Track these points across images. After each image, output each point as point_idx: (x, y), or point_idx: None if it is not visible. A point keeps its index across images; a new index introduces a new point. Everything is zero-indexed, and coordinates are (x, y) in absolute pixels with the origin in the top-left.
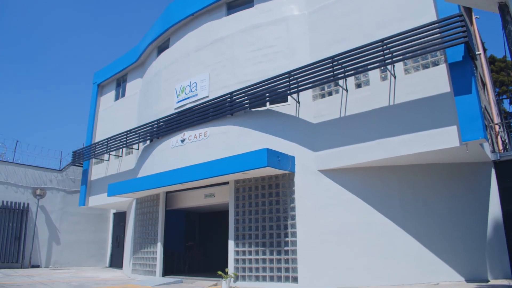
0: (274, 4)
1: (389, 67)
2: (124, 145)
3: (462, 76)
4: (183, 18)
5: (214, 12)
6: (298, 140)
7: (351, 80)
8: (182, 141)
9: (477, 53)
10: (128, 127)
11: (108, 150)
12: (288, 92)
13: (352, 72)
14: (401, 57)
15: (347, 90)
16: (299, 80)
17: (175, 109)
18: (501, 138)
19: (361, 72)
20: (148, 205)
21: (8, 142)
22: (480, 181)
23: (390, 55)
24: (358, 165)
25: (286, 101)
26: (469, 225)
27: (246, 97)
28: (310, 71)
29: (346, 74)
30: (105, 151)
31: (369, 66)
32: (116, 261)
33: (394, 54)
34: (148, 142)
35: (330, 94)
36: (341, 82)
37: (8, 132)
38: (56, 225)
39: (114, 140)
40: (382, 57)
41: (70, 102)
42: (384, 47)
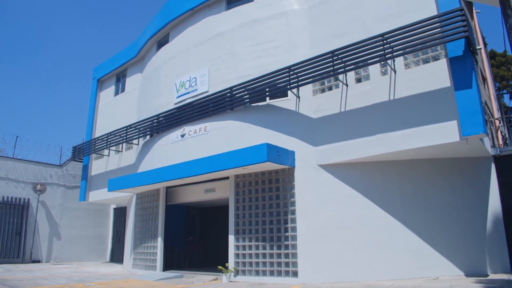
0: None
1: (389, 61)
2: (124, 140)
3: (463, 70)
4: (182, 12)
5: (213, 7)
6: (298, 135)
7: (351, 75)
8: (182, 136)
9: (477, 47)
10: (128, 122)
11: (108, 145)
12: (288, 87)
13: (352, 66)
14: (401, 52)
15: (347, 84)
16: (299, 74)
17: (175, 104)
18: (501, 133)
19: (361, 66)
20: (148, 200)
21: (8, 138)
22: (480, 176)
23: (391, 49)
24: (358, 160)
25: (286, 96)
26: (469, 220)
27: (246, 92)
28: (310, 66)
29: (346, 68)
30: (105, 146)
31: (369, 61)
32: (117, 256)
33: (394, 48)
34: (148, 137)
35: (330, 88)
36: (341, 76)
37: (8, 128)
38: (57, 220)
39: (114, 135)
40: (383, 52)
41: (70, 98)
42: (385, 41)
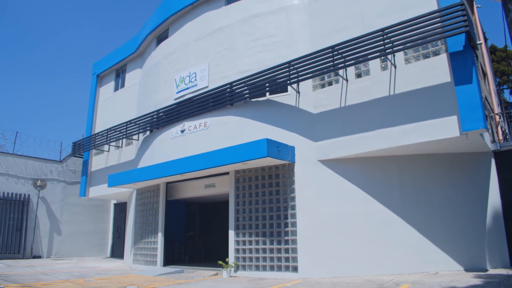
0: None
1: (389, 56)
2: (124, 136)
3: (463, 65)
4: (182, 7)
5: (213, 2)
6: (298, 130)
7: (351, 70)
8: (182, 131)
9: (478, 42)
10: (128, 118)
11: (108, 141)
12: (288, 82)
13: (352, 62)
14: (401, 47)
15: (347, 80)
16: (299, 70)
17: (175, 99)
18: (501, 128)
19: (361, 62)
20: (148, 196)
21: (8, 134)
22: (480, 171)
23: (391, 44)
24: (358, 155)
25: (286, 91)
26: (469, 215)
27: (245, 87)
28: (310, 61)
29: (346, 64)
30: (105, 142)
31: (369, 56)
32: (117, 251)
33: (394, 43)
34: (148, 132)
35: (330, 84)
36: (341, 72)
37: (8, 124)
38: (57, 216)
39: (114, 130)
40: (383, 47)
41: (70, 94)
42: (385, 36)
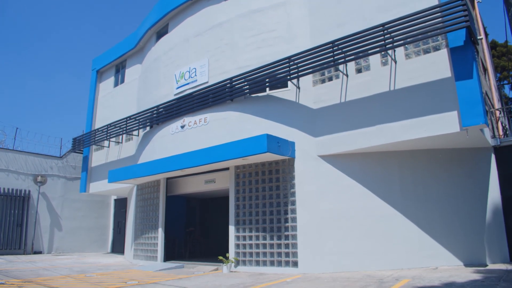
0: None
1: (389, 52)
2: (124, 132)
3: (463, 61)
4: (182, 2)
5: None
6: (298, 125)
7: (351, 65)
8: (182, 127)
9: (478, 37)
10: (127, 114)
11: (108, 137)
12: (288, 77)
13: (353, 57)
14: (402, 42)
15: (347, 75)
16: (299, 65)
17: (175, 95)
18: (501, 123)
19: (361, 57)
20: (148, 191)
21: (8, 129)
22: (480, 166)
23: (391, 39)
24: (358, 150)
25: (286, 86)
26: (469, 211)
27: (246, 83)
28: (310, 56)
29: (347, 59)
30: (105, 138)
31: (369, 51)
32: (118, 247)
33: (395, 38)
34: (148, 128)
35: (330, 79)
36: (341, 67)
37: (8, 119)
38: (58, 211)
39: (114, 126)
40: (383, 42)
41: (70, 89)
42: (385, 31)
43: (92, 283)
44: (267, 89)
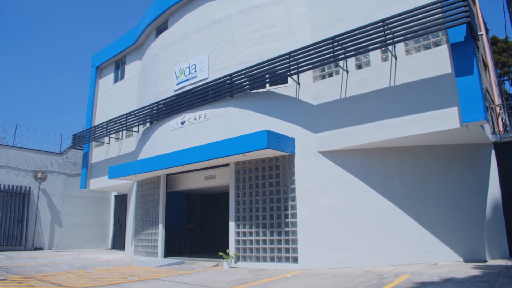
0: None
1: (390, 47)
2: (124, 128)
3: (464, 57)
4: None
5: None
6: (298, 121)
7: (351, 61)
8: (182, 123)
9: (479, 33)
10: (127, 110)
11: (108, 133)
12: (288, 73)
13: (353, 52)
14: (402, 38)
15: (347, 71)
16: (299, 61)
17: (175, 91)
18: (501, 119)
19: (361, 53)
20: (149, 188)
21: (8, 126)
22: (480, 162)
23: (391, 35)
24: (358, 146)
25: (286, 82)
26: (469, 206)
27: (246, 79)
28: (310, 52)
29: (347, 55)
30: (105, 134)
31: (369, 47)
32: (118, 243)
33: (395, 34)
34: (148, 124)
35: (330, 75)
36: (341, 63)
37: (8, 116)
38: (58, 208)
39: (114, 122)
40: (383, 38)
41: (70, 86)
42: (385, 27)
43: (92, 279)
44: (267, 85)
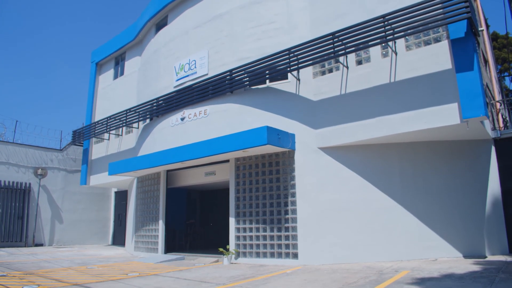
0: None
1: (390, 43)
2: (124, 124)
3: (464, 52)
4: None
5: None
6: (298, 117)
7: (351, 57)
8: (182, 119)
9: (479, 29)
10: (127, 106)
11: (108, 129)
12: (288, 69)
13: (353, 48)
14: (402, 33)
15: (347, 67)
16: (299, 57)
17: (175, 87)
18: (502, 115)
19: (362, 48)
20: (149, 184)
21: (7, 122)
22: (480, 158)
23: (392, 31)
24: (358, 142)
25: (286, 78)
26: (468, 202)
27: (246, 75)
28: (311, 48)
29: (347, 50)
30: (105, 130)
31: (370, 43)
32: (119, 239)
33: (395, 30)
34: (148, 120)
35: (330, 71)
36: (341, 59)
37: (8, 112)
38: (58, 204)
39: (114, 119)
40: (384, 33)
41: (69, 82)
42: (386, 23)
43: (93, 275)
44: (267, 81)
